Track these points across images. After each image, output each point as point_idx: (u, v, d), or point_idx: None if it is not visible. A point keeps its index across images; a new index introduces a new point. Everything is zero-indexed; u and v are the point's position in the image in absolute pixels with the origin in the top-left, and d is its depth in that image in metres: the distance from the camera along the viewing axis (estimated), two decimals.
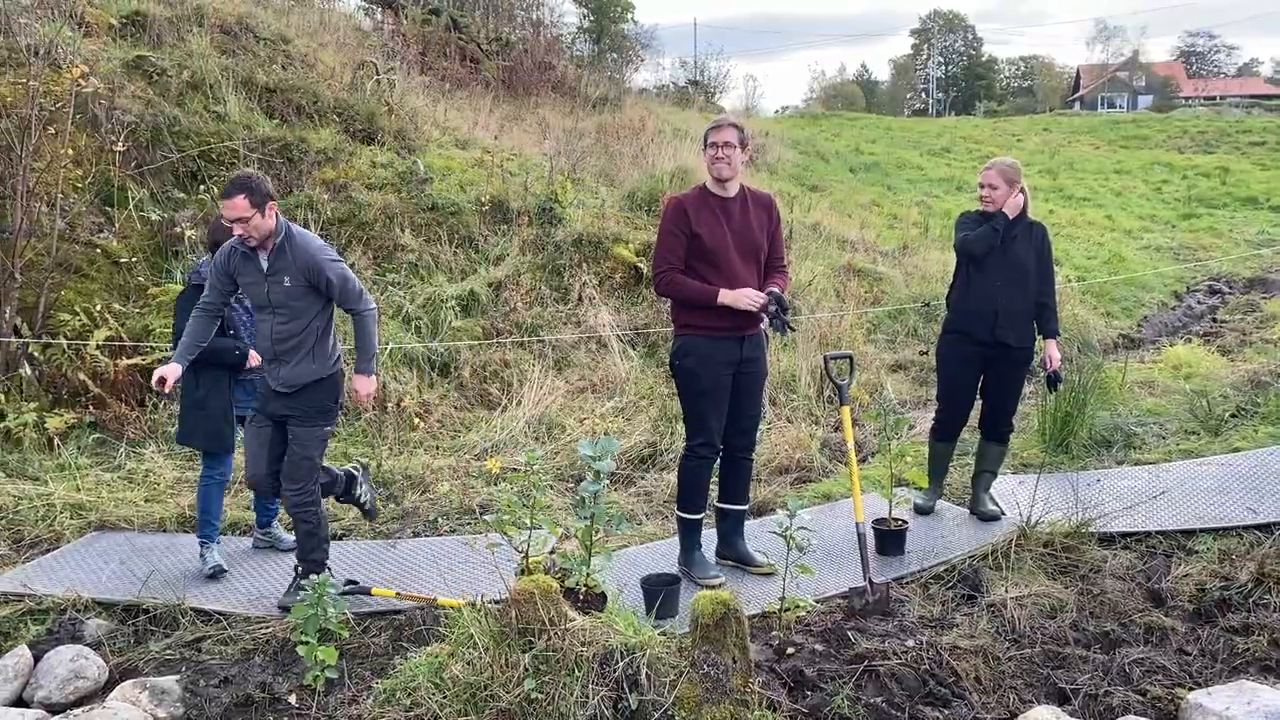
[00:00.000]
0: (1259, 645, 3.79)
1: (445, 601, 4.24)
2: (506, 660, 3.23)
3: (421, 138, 11.26)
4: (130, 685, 3.64)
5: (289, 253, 4.20)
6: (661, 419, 7.19)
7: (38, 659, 3.85)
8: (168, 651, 4.07)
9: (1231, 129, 29.74)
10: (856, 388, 7.89)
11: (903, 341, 10.26)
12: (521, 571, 3.82)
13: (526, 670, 3.19)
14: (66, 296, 7.09)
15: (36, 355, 6.73)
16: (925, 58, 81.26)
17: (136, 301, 7.39)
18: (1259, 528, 4.94)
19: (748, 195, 4.64)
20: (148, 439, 6.54)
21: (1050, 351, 5.40)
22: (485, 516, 4.84)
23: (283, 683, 3.74)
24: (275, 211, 4.21)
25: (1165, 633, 3.98)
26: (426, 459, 6.62)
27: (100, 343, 6.76)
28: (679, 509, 4.76)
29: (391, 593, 4.43)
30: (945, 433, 5.52)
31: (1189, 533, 5.00)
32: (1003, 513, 5.35)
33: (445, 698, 3.26)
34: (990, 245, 5.16)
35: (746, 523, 4.96)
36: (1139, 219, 18.85)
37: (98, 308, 7.01)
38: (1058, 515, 4.90)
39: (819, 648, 3.78)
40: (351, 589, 4.40)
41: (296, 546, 4.50)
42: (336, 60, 12.11)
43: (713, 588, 4.24)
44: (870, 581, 4.28)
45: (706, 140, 4.54)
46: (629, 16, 32.47)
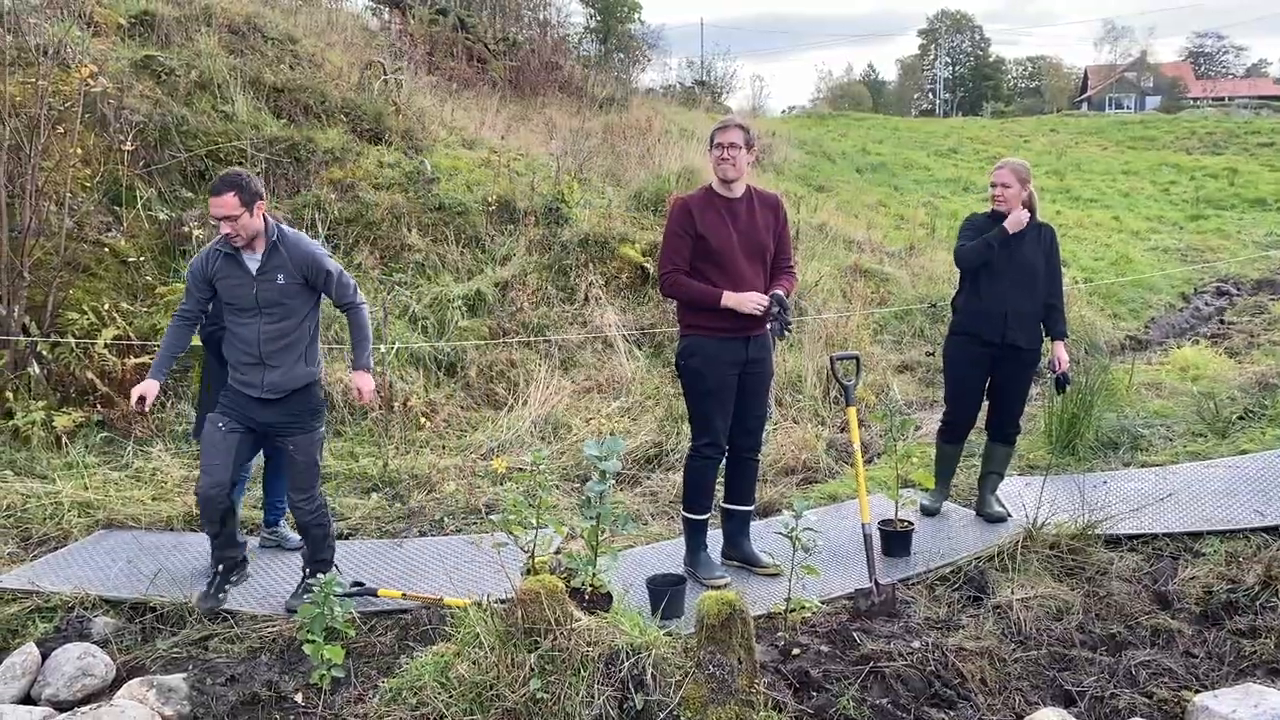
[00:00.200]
0: (1266, 648, 3.78)
1: (451, 601, 4.25)
2: (512, 660, 3.23)
3: (428, 137, 11.28)
4: (137, 683, 3.66)
5: (284, 250, 4.12)
6: (667, 419, 7.19)
7: (45, 656, 3.87)
8: (175, 650, 4.08)
9: (1240, 130, 29.61)
10: (863, 388, 7.88)
11: (909, 342, 10.25)
12: (527, 571, 3.82)
13: (532, 670, 3.19)
14: (75, 295, 7.12)
15: (45, 354, 6.76)
16: (932, 58, 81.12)
17: (144, 300, 7.42)
18: (1266, 530, 4.93)
19: (754, 196, 4.63)
20: (155, 438, 6.56)
21: (1058, 353, 5.39)
22: (491, 516, 4.84)
23: (289, 681, 3.76)
24: (264, 211, 4.10)
25: (1172, 635, 3.97)
26: (433, 458, 6.64)
27: (108, 341, 6.78)
28: (684, 509, 4.77)
29: (398, 594, 4.44)
30: (953, 434, 5.52)
31: (1196, 535, 4.98)
32: (1009, 514, 5.35)
33: (451, 697, 3.26)
34: (983, 260, 5.18)
35: (752, 523, 4.95)
36: (1146, 220, 18.79)
37: (106, 307, 7.04)
38: (1064, 517, 4.89)
39: (824, 649, 3.78)
40: (358, 591, 4.41)
41: (306, 550, 4.49)
42: (344, 60, 12.13)
43: (718, 588, 4.23)
44: (876, 583, 4.27)
45: (712, 141, 4.54)
46: (636, 16, 32.46)
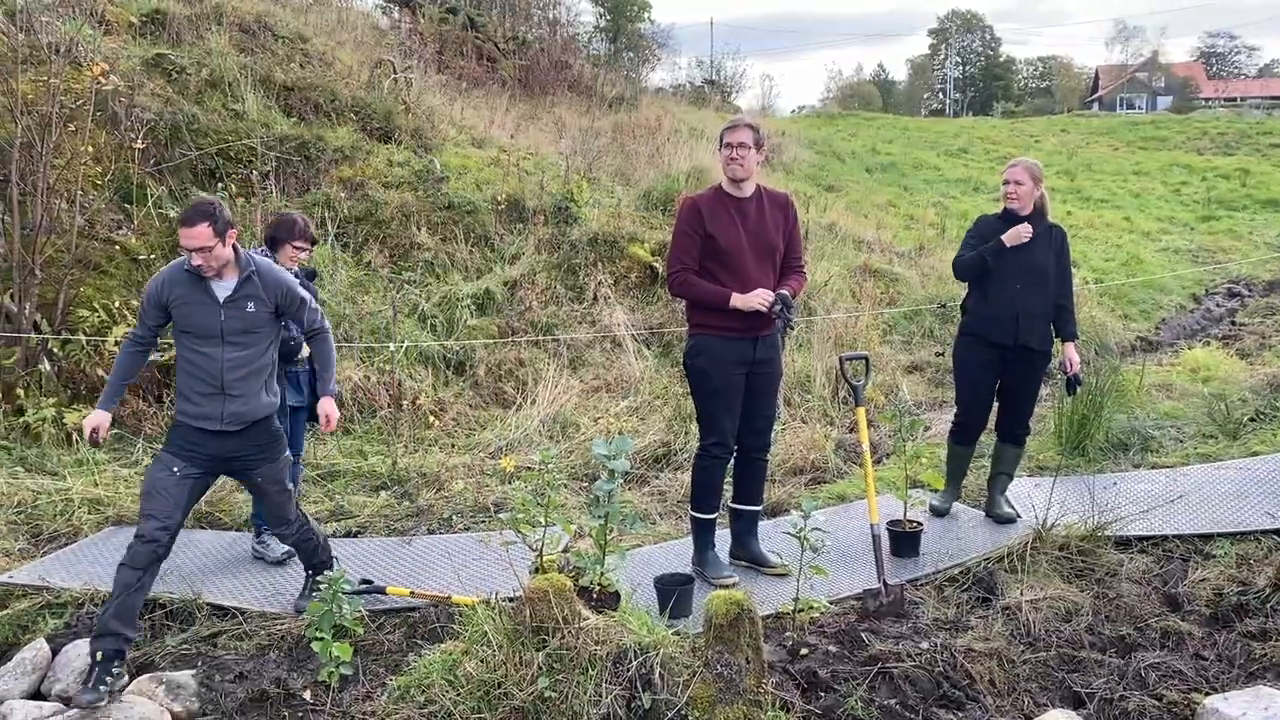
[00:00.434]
0: (1276, 650, 3.76)
1: (459, 599, 4.25)
2: (520, 658, 3.23)
3: (438, 136, 11.30)
4: (146, 679, 3.68)
5: (258, 280, 4.03)
6: (676, 418, 7.19)
7: (55, 652, 3.89)
8: (184, 646, 4.09)
9: (1252, 130, 29.46)
10: (872, 389, 7.86)
11: (919, 343, 10.23)
12: (535, 570, 3.83)
13: (540, 668, 3.19)
14: (85, 293, 7.15)
15: (56, 351, 6.79)
16: (943, 58, 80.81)
17: None
18: (1277, 533, 4.90)
19: (764, 195, 4.62)
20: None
21: (1069, 354, 5.37)
22: (500, 515, 4.84)
23: (298, 678, 3.76)
24: (234, 240, 4.00)
25: (1182, 637, 3.96)
26: (441, 457, 6.65)
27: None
28: (692, 509, 4.76)
29: (406, 591, 4.44)
30: (965, 435, 5.50)
31: (1206, 537, 4.96)
32: (1018, 515, 5.33)
33: (459, 695, 3.27)
34: (979, 272, 5.20)
35: (761, 523, 4.95)
36: (1157, 221, 18.71)
37: (116, 304, 7.06)
38: (1074, 518, 4.87)
39: (833, 649, 3.78)
40: (366, 589, 4.42)
41: (302, 559, 4.46)
42: (354, 59, 12.17)
43: (726, 588, 4.23)
44: (885, 583, 4.26)
45: (722, 140, 4.53)
46: (645, 16, 32.45)
